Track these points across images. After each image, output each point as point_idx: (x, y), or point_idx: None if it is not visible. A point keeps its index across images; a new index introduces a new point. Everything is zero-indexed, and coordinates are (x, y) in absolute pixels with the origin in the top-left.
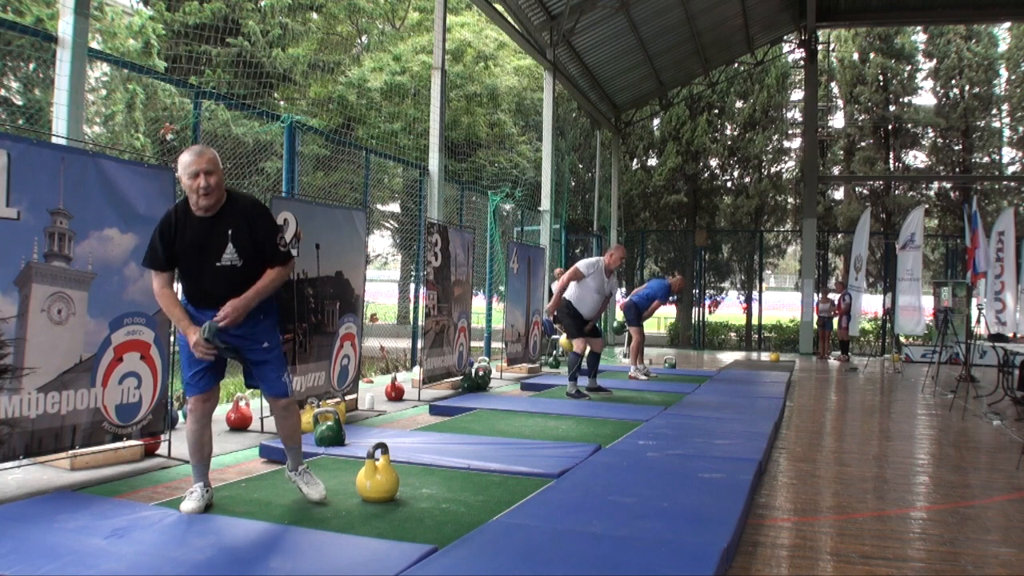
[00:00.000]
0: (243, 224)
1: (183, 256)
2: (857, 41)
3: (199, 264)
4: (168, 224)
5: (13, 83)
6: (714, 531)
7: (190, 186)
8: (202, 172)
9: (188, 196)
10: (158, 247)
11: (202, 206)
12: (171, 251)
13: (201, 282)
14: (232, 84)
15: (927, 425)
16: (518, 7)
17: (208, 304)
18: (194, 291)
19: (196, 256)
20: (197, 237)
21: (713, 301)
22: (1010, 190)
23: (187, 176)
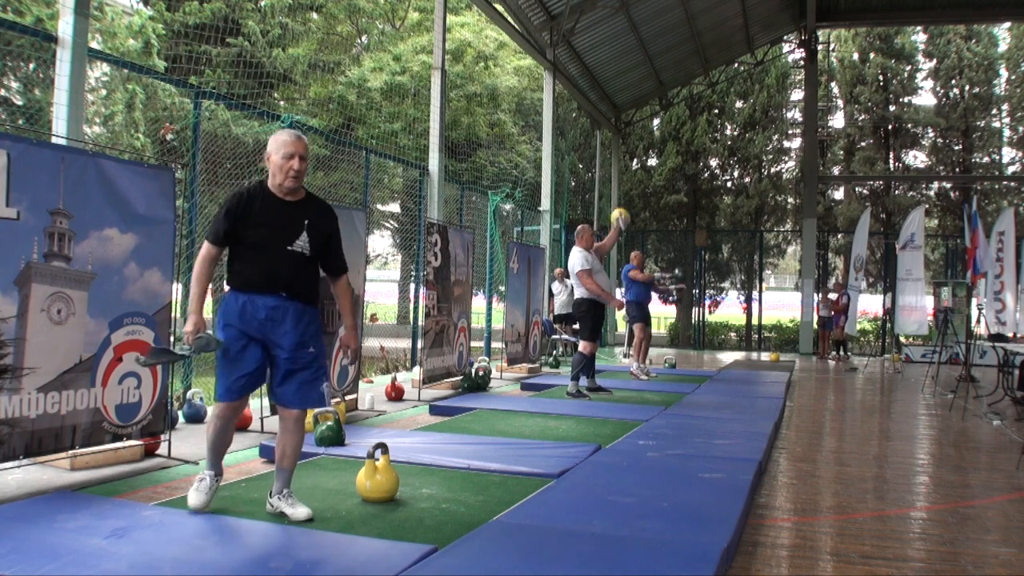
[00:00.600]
0: (319, 220)
1: (253, 233)
2: (857, 41)
3: (269, 244)
4: (240, 201)
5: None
6: (714, 531)
7: (281, 165)
8: (298, 155)
9: (273, 175)
10: (221, 221)
11: (287, 188)
12: (234, 228)
13: (265, 262)
14: (232, 84)
15: (927, 425)
16: (518, 7)
17: (261, 286)
18: (252, 272)
19: (268, 235)
20: (273, 217)
21: (713, 301)
22: (1010, 190)
23: (281, 155)
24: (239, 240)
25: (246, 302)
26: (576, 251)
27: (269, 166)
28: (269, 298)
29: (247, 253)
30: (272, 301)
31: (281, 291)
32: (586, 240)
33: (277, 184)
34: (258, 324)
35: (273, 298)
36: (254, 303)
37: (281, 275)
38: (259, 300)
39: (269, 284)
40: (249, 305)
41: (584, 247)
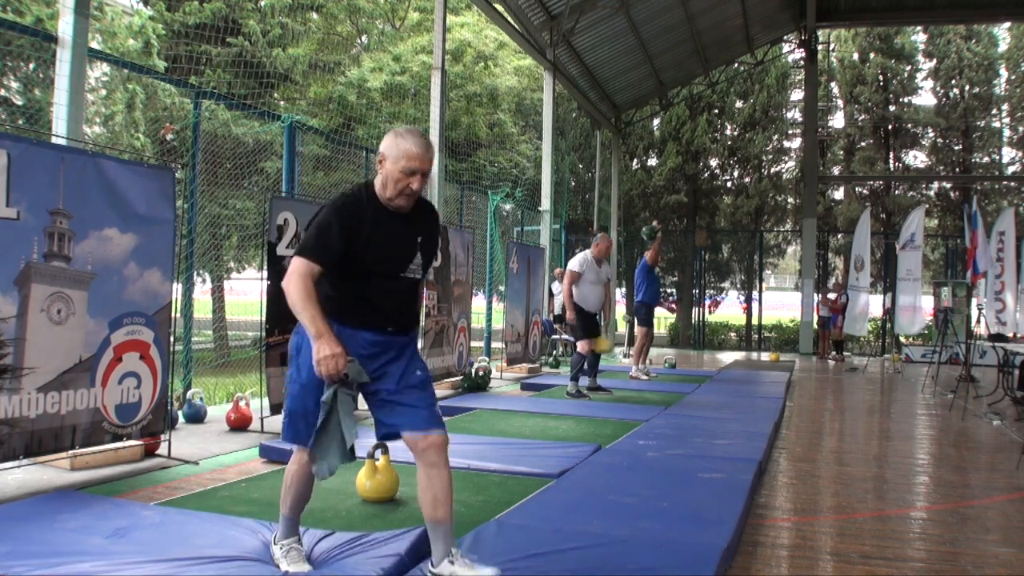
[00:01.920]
0: (430, 234)
1: (363, 255)
2: (857, 41)
3: (379, 270)
4: (356, 210)
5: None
6: (714, 531)
7: (397, 180)
8: (421, 173)
9: (383, 185)
10: (335, 236)
11: (396, 207)
12: (348, 246)
13: (372, 292)
14: (232, 84)
15: (927, 425)
16: (518, 7)
17: (365, 322)
18: (353, 303)
19: (380, 259)
20: (389, 236)
21: (713, 301)
22: (1010, 190)
23: (400, 168)
24: (344, 262)
25: (348, 337)
26: (581, 254)
27: (381, 171)
28: (372, 334)
29: (349, 278)
30: (375, 337)
31: (388, 327)
32: (599, 249)
33: (387, 198)
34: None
35: (377, 335)
36: (352, 338)
37: (391, 308)
38: (359, 336)
39: (375, 319)
40: (351, 342)
41: (594, 255)
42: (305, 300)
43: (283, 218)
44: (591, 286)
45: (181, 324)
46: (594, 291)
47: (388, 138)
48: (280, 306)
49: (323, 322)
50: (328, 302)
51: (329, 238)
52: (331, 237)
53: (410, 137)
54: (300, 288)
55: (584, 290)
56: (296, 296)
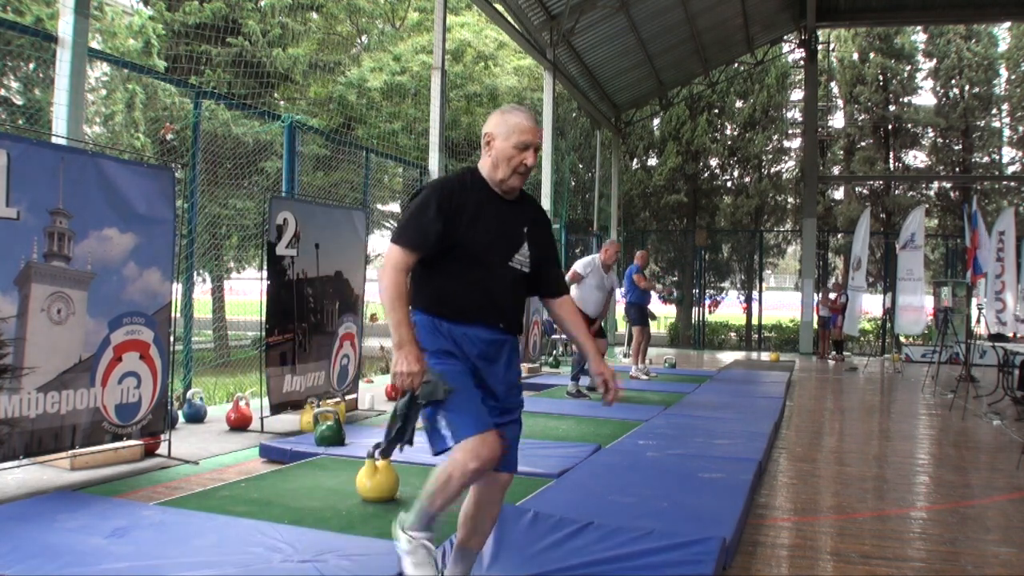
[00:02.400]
0: (538, 228)
1: (469, 240)
2: (857, 41)
3: (487, 257)
4: (452, 193)
5: (13, 83)
6: (714, 531)
7: (511, 158)
8: (534, 147)
9: (494, 166)
10: (432, 219)
11: (509, 187)
12: (446, 230)
13: (480, 281)
14: (232, 84)
15: (927, 425)
16: (518, 7)
17: (474, 315)
18: (462, 294)
19: (487, 244)
20: (495, 222)
21: (713, 301)
22: (1010, 190)
23: (513, 143)
24: (446, 248)
25: (459, 334)
26: (590, 257)
27: (489, 152)
28: (483, 330)
29: (454, 267)
30: (487, 334)
31: (500, 322)
32: (607, 254)
33: (499, 179)
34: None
35: (489, 331)
36: (465, 337)
37: (500, 300)
38: (471, 332)
39: (485, 312)
40: (463, 339)
41: (601, 259)
42: (395, 300)
43: (283, 218)
44: (593, 290)
45: (181, 324)
46: (595, 296)
47: (494, 117)
48: (280, 306)
49: (408, 330)
50: (442, 295)
51: (425, 221)
52: (427, 220)
53: (518, 112)
54: (393, 284)
55: (585, 293)
56: (388, 293)
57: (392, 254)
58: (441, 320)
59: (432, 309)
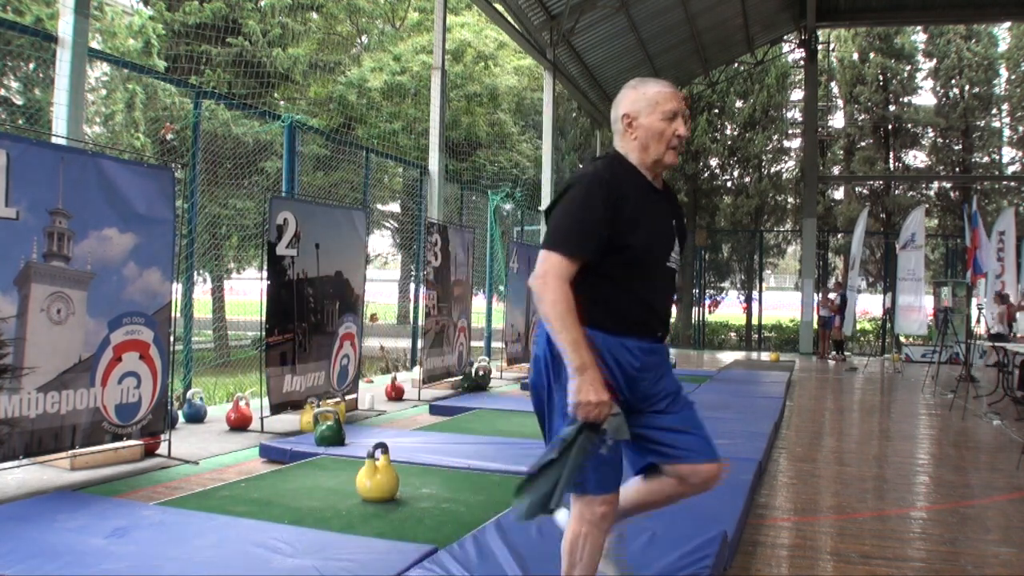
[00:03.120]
0: (679, 217)
1: (635, 240)
2: (857, 41)
3: (651, 258)
4: (613, 186)
5: (13, 83)
6: (714, 531)
7: (661, 132)
8: (681, 115)
9: (643, 147)
10: (596, 220)
11: (666, 165)
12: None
13: (642, 285)
14: (232, 84)
15: (927, 425)
16: (518, 7)
17: (637, 325)
18: (624, 301)
19: (647, 243)
20: (653, 215)
21: (713, 301)
22: (1010, 190)
23: (659, 115)
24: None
25: (617, 347)
26: None
27: (632, 134)
28: (639, 341)
29: (614, 271)
30: (647, 345)
31: (659, 331)
32: None
33: (651, 161)
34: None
35: (648, 342)
36: (620, 350)
37: (661, 308)
38: (629, 343)
39: (648, 322)
40: (622, 352)
41: None
42: (565, 316)
43: (283, 218)
44: None
45: (181, 324)
46: None
47: (627, 95)
48: (280, 306)
49: (588, 351)
50: (603, 304)
51: (589, 222)
52: (592, 221)
53: (652, 82)
54: (559, 297)
55: None
56: (554, 309)
57: (551, 263)
58: (597, 333)
59: (591, 320)
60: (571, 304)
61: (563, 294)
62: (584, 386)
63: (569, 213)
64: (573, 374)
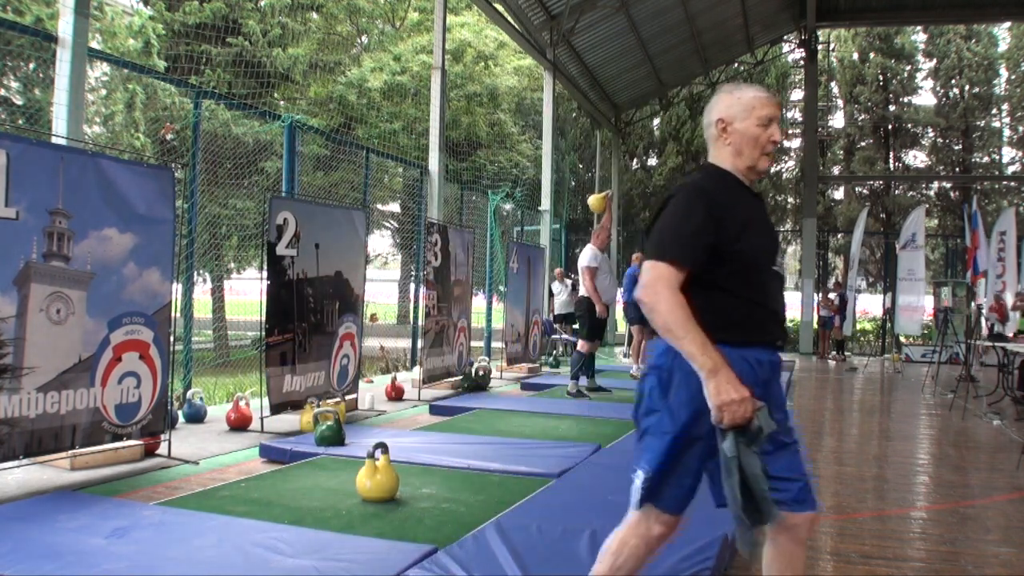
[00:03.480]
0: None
1: (746, 246)
2: (857, 41)
3: (762, 263)
4: (717, 193)
5: (13, 83)
6: (715, 532)
7: (756, 137)
8: (776, 120)
9: (737, 152)
10: (703, 227)
11: (760, 171)
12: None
13: (760, 294)
14: (232, 84)
15: (927, 425)
16: (518, 7)
17: (758, 333)
18: (746, 311)
19: (760, 249)
20: (757, 221)
21: None
22: (1010, 190)
23: (755, 120)
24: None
25: (739, 362)
26: (588, 248)
27: (726, 140)
28: (765, 351)
29: (730, 280)
30: (767, 355)
31: (778, 339)
32: (601, 240)
33: (746, 166)
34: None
35: (768, 351)
36: (740, 362)
37: (780, 311)
38: (751, 355)
39: (768, 329)
40: (744, 367)
41: (597, 246)
42: (685, 321)
43: (283, 218)
44: (604, 275)
45: (181, 324)
46: (608, 280)
47: (722, 99)
48: (280, 306)
49: (717, 353)
50: (715, 315)
51: (694, 231)
52: (697, 229)
53: (747, 87)
54: (674, 304)
55: (602, 283)
56: (671, 316)
57: (659, 273)
58: (719, 346)
59: (708, 334)
60: (687, 311)
61: (678, 300)
62: (722, 386)
63: (673, 222)
64: (707, 378)
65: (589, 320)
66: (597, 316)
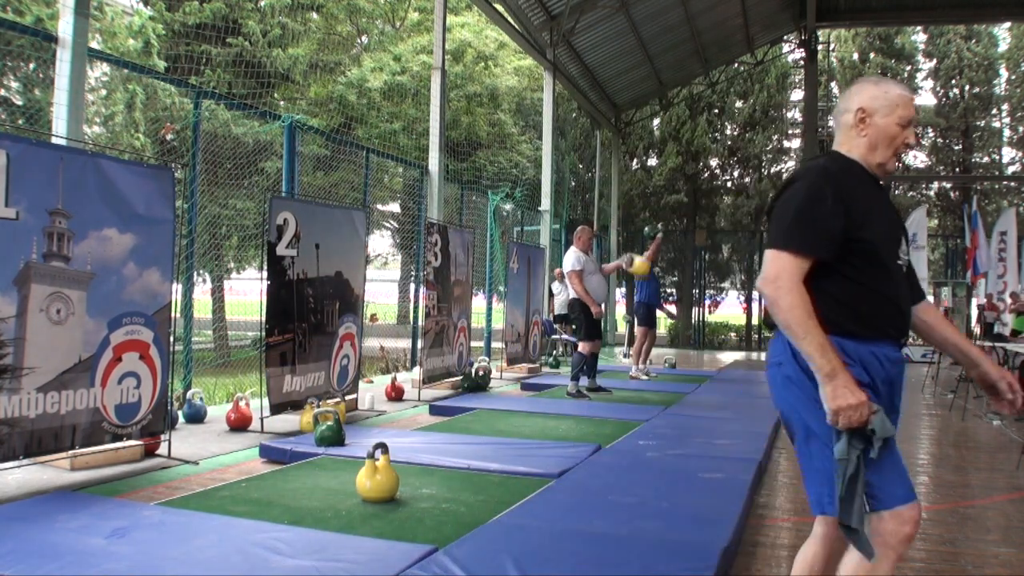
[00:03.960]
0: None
1: (872, 235)
2: (857, 41)
3: (887, 253)
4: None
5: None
6: (714, 531)
7: (894, 137)
8: (914, 124)
9: (871, 147)
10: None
11: (887, 171)
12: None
13: (886, 285)
14: (232, 84)
15: (927, 425)
16: (518, 7)
17: (883, 328)
18: (871, 303)
19: (885, 238)
20: (883, 210)
21: (713, 301)
22: (1010, 190)
23: (897, 120)
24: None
25: (867, 355)
26: (571, 251)
27: (863, 131)
28: (890, 348)
29: (855, 270)
30: (893, 352)
31: (902, 336)
32: (583, 241)
33: (877, 163)
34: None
35: (894, 347)
36: (874, 356)
37: (905, 305)
38: (879, 351)
39: (894, 324)
40: (872, 361)
41: (580, 248)
42: (808, 319)
43: (283, 218)
44: (593, 276)
45: (181, 324)
46: (598, 279)
47: (865, 89)
48: (280, 306)
49: (836, 355)
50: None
51: (822, 216)
52: (825, 215)
53: (892, 82)
54: (797, 301)
55: (592, 284)
56: (791, 314)
57: (781, 264)
58: (846, 339)
59: (835, 327)
60: (809, 308)
61: (801, 297)
62: (839, 390)
63: (797, 208)
64: (824, 381)
65: (584, 321)
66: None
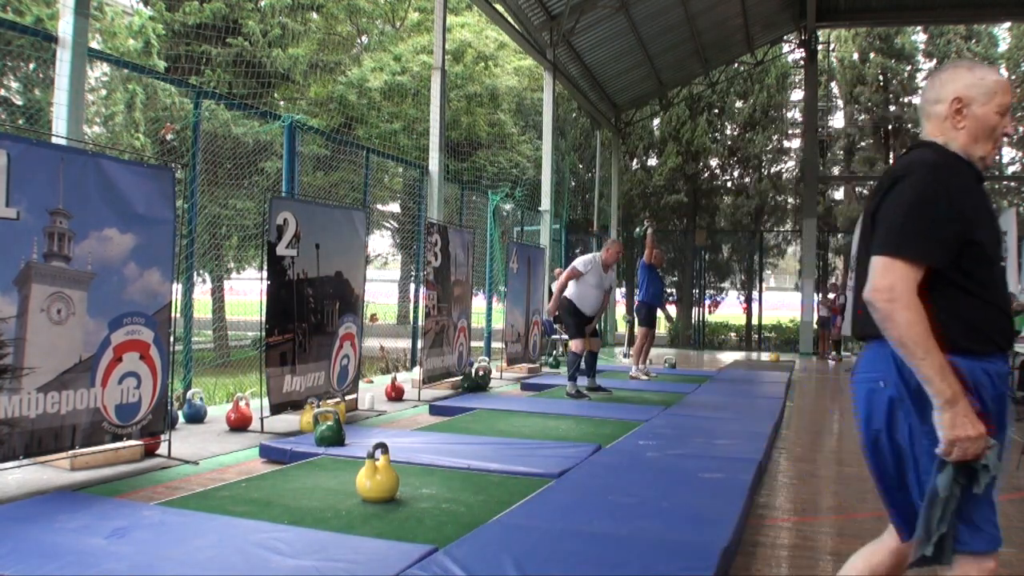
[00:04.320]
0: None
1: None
2: (857, 41)
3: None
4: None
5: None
6: (714, 531)
7: (995, 126)
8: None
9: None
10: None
11: (988, 163)
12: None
13: (998, 294)
14: (232, 84)
15: None
16: (518, 7)
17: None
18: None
19: (994, 240)
20: (989, 210)
21: (713, 301)
22: (1010, 190)
23: (997, 108)
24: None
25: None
26: (590, 255)
27: (960, 122)
28: (1001, 362)
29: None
30: (1004, 367)
31: (1011, 345)
32: (609, 253)
33: (979, 155)
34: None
35: (1003, 361)
36: (987, 374)
37: (1009, 313)
38: (992, 368)
39: (1006, 335)
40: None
41: (602, 258)
42: (928, 338)
43: (283, 218)
44: (591, 289)
45: (181, 324)
46: (593, 294)
47: (960, 76)
48: (280, 306)
49: (956, 380)
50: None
51: (935, 220)
52: (937, 218)
53: (989, 67)
54: (915, 317)
55: (583, 291)
56: (909, 331)
57: (896, 273)
58: (960, 358)
59: (949, 344)
60: (927, 322)
61: (919, 312)
62: (959, 419)
63: (908, 210)
64: (944, 407)
65: (572, 319)
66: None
